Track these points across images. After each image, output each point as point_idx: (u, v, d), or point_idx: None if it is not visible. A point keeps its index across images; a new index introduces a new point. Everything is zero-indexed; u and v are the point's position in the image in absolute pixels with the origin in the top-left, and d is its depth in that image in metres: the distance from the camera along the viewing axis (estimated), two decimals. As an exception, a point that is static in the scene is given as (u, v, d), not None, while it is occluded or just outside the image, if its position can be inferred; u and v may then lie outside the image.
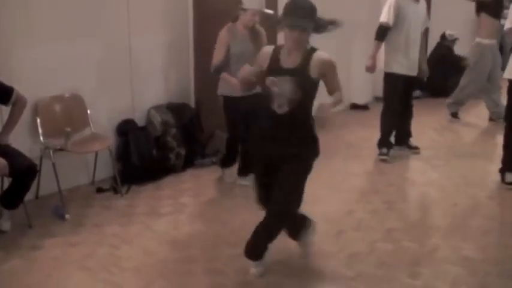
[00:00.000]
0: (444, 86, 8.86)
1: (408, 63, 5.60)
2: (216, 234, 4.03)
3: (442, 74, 8.81)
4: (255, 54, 4.41)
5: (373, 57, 5.60)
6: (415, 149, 6.06)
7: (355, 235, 4.03)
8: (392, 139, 5.97)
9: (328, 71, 3.12)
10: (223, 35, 4.67)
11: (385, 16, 5.51)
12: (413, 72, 5.67)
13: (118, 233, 4.05)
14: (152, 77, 5.38)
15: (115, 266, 3.55)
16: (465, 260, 3.64)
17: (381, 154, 5.80)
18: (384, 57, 5.65)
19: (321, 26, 3.07)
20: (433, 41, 9.19)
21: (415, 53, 5.63)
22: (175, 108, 5.44)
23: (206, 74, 5.49)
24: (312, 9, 3.03)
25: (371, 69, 5.65)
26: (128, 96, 5.20)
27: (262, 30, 4.76)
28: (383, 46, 5.62)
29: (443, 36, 9.01)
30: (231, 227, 4.14)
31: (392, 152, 5.88)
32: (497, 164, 5.13)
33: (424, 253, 3.75)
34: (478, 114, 7.59)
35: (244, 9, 4.60)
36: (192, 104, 5.71)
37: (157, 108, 5.34)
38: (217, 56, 4.66)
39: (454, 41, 8.99)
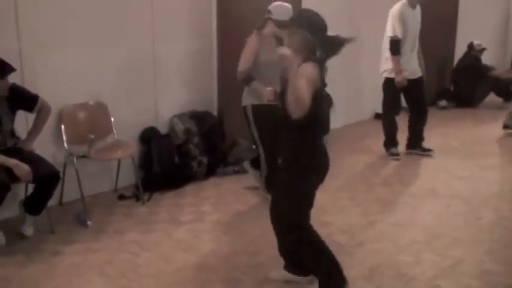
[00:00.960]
0: (471, 96, 8.77)
1: (410, 68, 5.94)
2: (236, 243, 4.03)
3: (469, 84, 8.73)
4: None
5: (400, 72, 5.86)
6: (428, 151, 6.22)
7: (376, 247, 3.98)
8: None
9: None
10: (253, 41, 4.54)
11: (393, 30, 5.81)
12: (416, 74, 6.00)
13: (138, 240, 4.07)
14: (175, 85, 5.42)
15: (134, 272, 3.57)
16: (486, 274, 3.57)
17: (391, 155, 6.16)
18: (387, 64, 5.96)
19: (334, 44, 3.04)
20: (460, 51, 9.10)
21: (415, 57, 6.01)
22: (198, 117, 5.47)
23: (229, 83, 5.53)
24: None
25: (402, 83, 5.89)
26: (151, 104, 5.25)
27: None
28: (385, 53, 5.95)
29: (470, 46, 8.89)
30: (250, 237, 4.13)
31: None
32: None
33: (445, 266, 3.69)
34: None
35: (272, 19, 4.48)
36: (215, 112, 5.74)
37: (180, 116, 5.38)
38: (245, 63, 4.51)
39: (481, 50, 8.86)
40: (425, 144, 6.26)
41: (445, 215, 4.60)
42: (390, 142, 6.23)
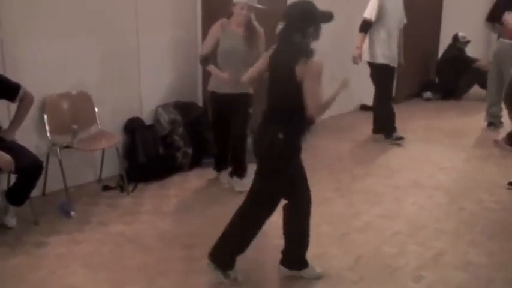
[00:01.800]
0: (455, 88, 8.83)
1: (390, 54, 6.14)
2: (220, 234, 4.02)
3: (453, 75, 8.77)
4: (248, 53, 4.51)
5: (359, 48, 6.12)
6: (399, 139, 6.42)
7: (361, 238, 4.00)
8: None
9: None
10: (214, 28, 4.70)
11: (369, 13, 6.06)
12: (394, 63, 6.20)
13: (122, 231, 4.05)
14: (160, 75, 5.38)
15: (118, 264, 3.56)
16: (469, 265, 3.61)
17: (397, 139, 6.35)
18: (369, 49, 6.18)
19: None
20: (445, 42, 9.14)
21: (395, 46, 6.17)
22: (183, 107, 5.44)
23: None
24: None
25: (357, 58, 6.13)
26: (135, 95, 5.21)
27: (260, 29, 4.68)
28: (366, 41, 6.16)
29: (455, 38, 8.93)
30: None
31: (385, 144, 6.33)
32: (506, 168, 5.08)
33: (429, 257, 3.72)
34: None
35: (234, 4, 4.56)
36: (200, 102, 5.71)
37: (164, 106, 5.34)
38: (206, 47, 4.72)
39: (466, 43, 8.91)
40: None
41: (428, 206, 4.63)
42: (391, 129, 6.39)
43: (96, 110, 4.80)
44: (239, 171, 4.88)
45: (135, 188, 4.86)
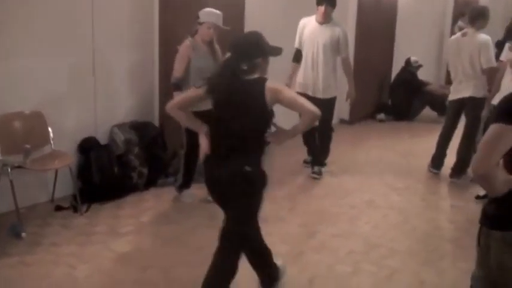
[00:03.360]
0: (407, 110, 9.07)
1: (303, 82, 5.75)
2: (176, 255, 4.00)
3: (405, 98, 9.01)
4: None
5: (290, 77, 5.80)
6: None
7: (316, 257, 4.04)
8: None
9: None
10: (184, 48, 4.74)
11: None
12: (313, 93, 5.65)
13: (76, 252, 3.98)
14: (116, 95, 5.34)
15: (72, 286, 3.49)
16: (422, 284, 3.68)
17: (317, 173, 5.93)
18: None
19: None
20: (398, 66, 9.40)
21: (317, 75, 5.69)
22: (139, 127, 5.40)
23: (171, 93, 5.48)
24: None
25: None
26: (90, 114, 5.15)
27: (218, 48, 4.86)
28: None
29: (408, 62, 9.20)
30: (191, 248, 4.10)
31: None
32: (458, 188, 5.20)
33: (382, 277, 3.77)
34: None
35: (200, 23, 4.73)
36: (156, 123, 5.68)
37: (120, 126, 5.29)
38: (179, 70, 4.72)
39: (418, 67, 9.18)
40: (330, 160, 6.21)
41: (382, 226, 4.71)
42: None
43: (49, 129, 4.72)
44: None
45: (88, 208, 4.78)
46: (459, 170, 5.79)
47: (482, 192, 4.99)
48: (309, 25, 5.74)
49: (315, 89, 5.71)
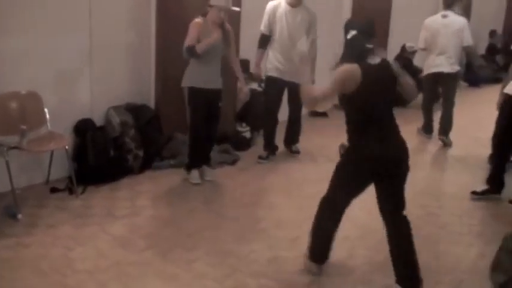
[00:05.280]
0: (403, 97, 9.08)
1: (271, 67, 5.77)
2: (172, 238, 4.02)
3: (400, 84, 9.02)
4: (224, 50, 4.92)
5: (257, 64, 5.84)
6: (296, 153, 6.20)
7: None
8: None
9: None
10: (196, 23, 4.80)
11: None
12: (286, 76, 5.65)
13: (72, 234, 3.98)
14: (112, 76, 5.32)
15: (68, 268, 3.50)
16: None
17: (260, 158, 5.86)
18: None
19: None
20: (392, 52, 9.39)
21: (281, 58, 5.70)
22: (135, 109, 5.39)
23: (167, 76, 5.49)
24: None
25: (256, 75, 5.95)
26: (86, 96, 5.13)
27: (230, 29, 5.00)
28: None
29: (403, 48, 9.20)
30: (187, 231, 4.12)
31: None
32: (449, 174, 5.24)
33: (379, 261, 3.81)
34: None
35: (211, 6, 4.79)
36: (152, 105, 5.67)
37: (116, 108, 5.28)
38: (191, 40, 4.74)
39: (413, 53, 9.17)
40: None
41: (375, 211, 4.73)
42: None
43: (46, 110, 4.69)
44: (209, 162, 5.27)
45: (84, 190, 4.78)
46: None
47: (479, 189, 5.08)
48: (280, 8, 5.64)
49: (292, 73, 5.42)
